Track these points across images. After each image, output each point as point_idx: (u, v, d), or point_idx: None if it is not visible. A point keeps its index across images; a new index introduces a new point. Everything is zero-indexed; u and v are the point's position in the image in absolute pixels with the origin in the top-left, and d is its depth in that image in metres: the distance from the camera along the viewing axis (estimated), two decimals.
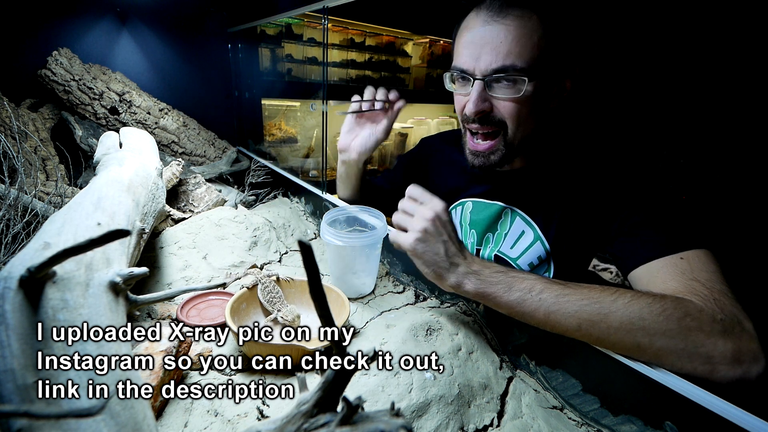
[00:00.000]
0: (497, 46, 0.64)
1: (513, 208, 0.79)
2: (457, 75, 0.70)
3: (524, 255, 0.77)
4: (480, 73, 0.66)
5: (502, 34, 0.64)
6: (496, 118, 0.69)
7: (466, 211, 0.87)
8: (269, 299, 0.67)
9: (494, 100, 0.68)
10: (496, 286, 0.56)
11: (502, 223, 0.80)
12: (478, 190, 0.84)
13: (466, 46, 0.68)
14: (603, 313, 0.51)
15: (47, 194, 0.97)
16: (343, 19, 2.08)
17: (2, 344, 0.31)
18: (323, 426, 0.29)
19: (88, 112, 1.35)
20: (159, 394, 0.46)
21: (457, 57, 0.70)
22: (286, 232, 1.07)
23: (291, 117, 2.08)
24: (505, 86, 0.66)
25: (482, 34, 0.65)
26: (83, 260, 0.44)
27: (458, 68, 0.69)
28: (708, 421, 0.43)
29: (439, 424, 0.49)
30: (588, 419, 0.54)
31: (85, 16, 1.43)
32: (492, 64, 0.64)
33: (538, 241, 0.76)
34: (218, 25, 1.75)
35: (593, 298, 0.52)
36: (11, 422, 0.26)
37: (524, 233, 0.78)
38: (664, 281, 0.57)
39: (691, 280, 0.55)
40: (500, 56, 0.64)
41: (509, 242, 0.79)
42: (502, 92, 0.66)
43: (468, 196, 0.86)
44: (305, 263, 0.27)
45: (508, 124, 0.69)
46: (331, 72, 2.13)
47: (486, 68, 0.65)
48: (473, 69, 0.67)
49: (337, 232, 0.74)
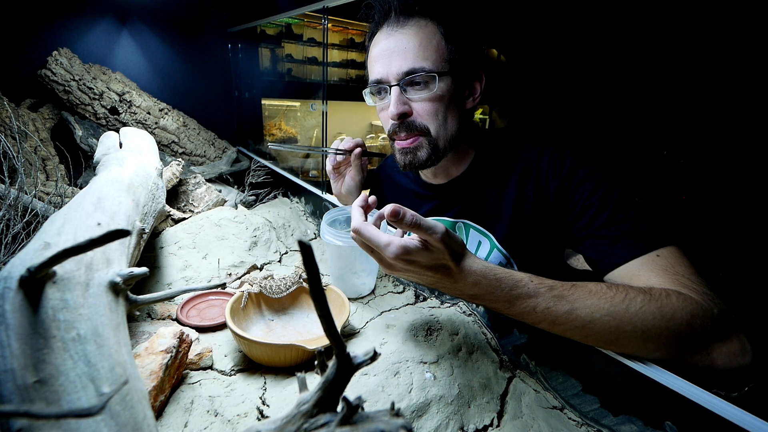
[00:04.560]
0: (403, 52, 0.70)
1: (464, 221, 0.82)
2: (374, 88, 0.76)
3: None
4: (394, 78, 0.71)
5: (405, 41, 0.70)
6: (417, 123, 0.73)
7: None
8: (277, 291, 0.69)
9: (412, 104, 0.73)
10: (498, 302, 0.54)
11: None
12: (426, 208, 0.87)
13: (376, 60, 0.74)
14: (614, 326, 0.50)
15: (47, 194, 0.97)
16: (343, 19, 2.08)
17: (2, 344, 0.31)
18: (323, 426, 0.29)
19: (88, 112, 1.35)
20: (159, 394, 0.46)
21: (372, 72, 0.76)
22: (286, 232, 1.07)
23: (291, 117, 2.08)
24: (419, 88, 0.71)
25: (388, 45, 0.72)
26: (83, 260, 0.44)
27: (374, 80, 0.75)
28: (708, 421, 0.43)
29: (439, 424, 0.49)
30: (588, 419, 0.54)
31: (85, 16, 1.43)
32: (402, 67, 0.70)
33: (495, 249, 0.78)
34: (218, 25, 1.75)
35: (603, 310, 0.50)
36: (11, 422, 0.26)
37: (481, 243, 0.80)
38: (647, 279, 0.57)
39: (676, 275, 0.56)
40: (408, 60, 0.70)
41: None
42: (417, 94, 0.71)
43: None
44: (305, 263, 0.27)
45: (429, 127, 0.73)
46: (331, 72, 2.13)
47: (398, 72, 0.71)
48: (387, 77, 0.72)
49: (337, 232, 0.74)
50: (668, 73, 1.50)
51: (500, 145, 0.81)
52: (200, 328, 0.65)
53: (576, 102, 1.82)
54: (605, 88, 1.69)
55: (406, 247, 0.48)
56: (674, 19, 1.42)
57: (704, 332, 0.50)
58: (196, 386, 0.52)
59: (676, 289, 0.53)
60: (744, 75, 1.30)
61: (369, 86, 0.78)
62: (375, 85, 0.75)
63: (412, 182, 0.92)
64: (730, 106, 1.36)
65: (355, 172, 0.94)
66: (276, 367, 0.57)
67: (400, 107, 0.71)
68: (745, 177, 1.35)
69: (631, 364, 0.50)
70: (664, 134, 1.56)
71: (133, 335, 0.58)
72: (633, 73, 1.58)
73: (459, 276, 0.51)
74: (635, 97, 1.61)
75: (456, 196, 0.83)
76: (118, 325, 0.42)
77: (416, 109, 0.72)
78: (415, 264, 0.50)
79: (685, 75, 1.45)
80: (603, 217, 0.65)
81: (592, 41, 1.67)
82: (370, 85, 0.77)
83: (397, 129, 0.74)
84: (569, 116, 1.86)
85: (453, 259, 0.50)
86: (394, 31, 0.71)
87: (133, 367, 0.38)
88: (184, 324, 0.65)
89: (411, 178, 0.93)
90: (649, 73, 1.55)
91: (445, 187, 0.84)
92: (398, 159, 0.78)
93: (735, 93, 1.34)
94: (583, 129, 1.76)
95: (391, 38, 0.71)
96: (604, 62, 1.65)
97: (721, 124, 1.39)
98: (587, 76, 1.75)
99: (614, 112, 1.68)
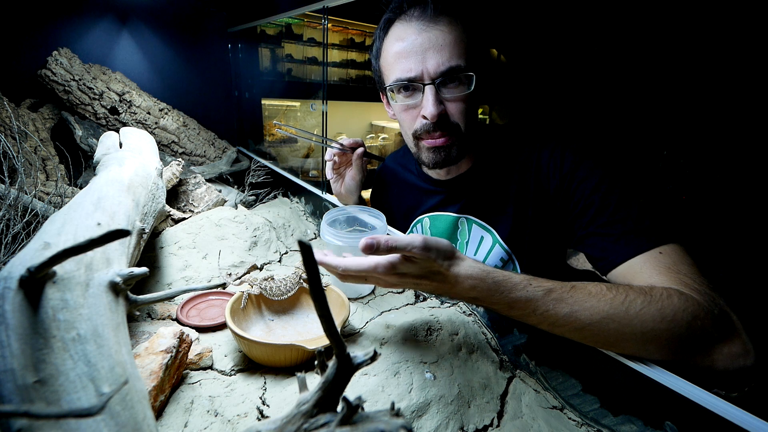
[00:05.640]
0: (440, 49, 0.67)
1: (467, 217, 0.82)
2: (399, 87, 0.72)
3: (487, 259, 0.80)
4: (429, 77, 0.68)
5: (441, 38, 0.67)
6: (451, 121, 0.71)
7: (425, 227, 0.89)
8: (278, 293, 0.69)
9: (446, 102, 0.70)
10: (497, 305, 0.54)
11: (461, 232, 0.83)
12: (431, 203, 0.87)
13: (406, 56, 0.69)
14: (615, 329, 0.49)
15: (47, 194, 0.97)
16: (343, 19, 2.08)
17: (2, 344, 0.31)
18: (323, 426, 0.29)
19: (88, 112, 1.35)
20: (159, 394, 0.46)
21: (396, 69, 0.71)
22: (286, 232, 1.07)
23: (291, 117, 2.08)
24: (454, 86, 0.69)
25: (421, 41, 0.68)
26: (83, 260, 0.44)
27: (403, 79, 0.70)
28: (708, 421, 0.43)
29: (439, 424, 0.49)
30: (588, 419, 0.54)
31: (85, 16, 1.43)
32: (440, 66, 0.67)
33: (497, 244, 0.78)
34: (218, 25, 1.75)
35: (603, 312, 0.49)
36: (11, 422, 0.26)
37: (483, 238, 0.80)
38: (649, 276, 0.57)
39: (678, 273, 0.55)
40: (445, 58, 0.67)
41: (471, 249, 0.82)
42: (451, 93, 0.69)
43: (423, 213, 0.89)
44: (305, 263, 0.27)
45: (461, 125, 0.72)
46: (331, 72, 2.13)
47: (435, 71, 0.68)
48: (422, 75, 0.69)
49: (337, 232, 0.74)
50: (668, 72, 1.50)
51: (503, 142, 0.81)
52: (200, 328, 0.65)
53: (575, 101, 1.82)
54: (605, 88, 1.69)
55: (392, 264, 0.49)
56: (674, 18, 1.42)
57: (705, 333, 0.50)
58: (196, 386, 0.52)
59: (677, 289, 0.53)
60: (744, 75, 1.30)
61: (393, 83, 0.72)
62: (403, 82, 0.71)
63: (417, 177, 0.92)
64: (730, 106, 1.36)
65: (356, 171, 0.94)
66: (276, 367, 0.57)
67: (439, 107, 0.69)
68: (745, 177, 1.35)
69: (631, 364, 0.50)
70: (664, 134, 1.56)
71: (133, 335, 0.58)
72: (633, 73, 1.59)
73: (454, 281, 0.51)
74: (635, 97, 1.61)
75: (460, 192, 0.83)
76: (118, 325, 0.42)
77: (449, 108, 0.71)
78: (408, 276, 0.51)
79: (685, 75, 1.45)
80: (605, 214, 0.65)
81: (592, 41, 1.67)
82: (397, 82, 0.72)
83: (431, 128, 0.72)
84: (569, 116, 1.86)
85: (443, 264, 0.50)
86: (428, 26, 0.67)
87: (133, 367, 0.38)
88: (184, 324, 0.65)
89: (415, 173, 0.93)
90: (648, 73, 1.55)
91: (450, 183, 0.84)
92: (426, 157, 0.76)
93: (735, 93, 1.34)
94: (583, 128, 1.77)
95: (425, 34, 0.67)
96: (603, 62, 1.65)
97: (721, 123, 1.39)
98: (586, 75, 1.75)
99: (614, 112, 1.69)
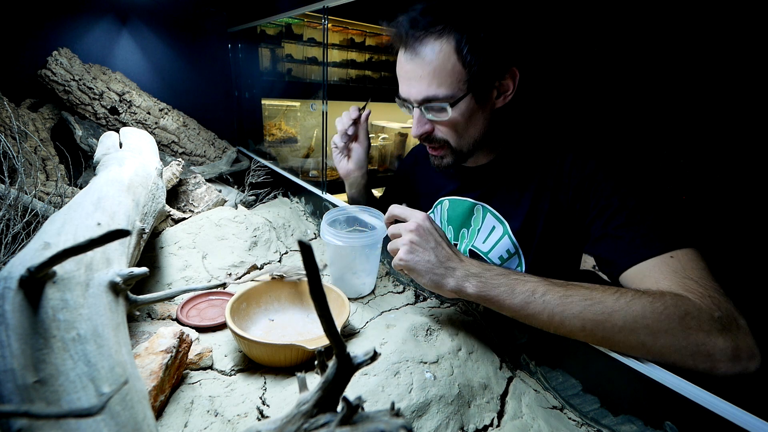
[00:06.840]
0: (419, 79, 0.71)
1: (483, 205, 0.85)
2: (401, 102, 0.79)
3: (494, 249, 0.82)
4: (414, 101, 0.73)
5: (419, 68, 0.70)
6: (438, 137, 0.77)
7: (444, 209, 0.93)
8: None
9: (434, 122, 0.75)
10: (499, 289, 0.56)
11: (475, 219, 0.86)
12: (451, 188, 0.91)
13: (400, 78, 0.75)
14: (606, 312, 0.51)
15: (47, 194, 0.97)
16: (343, 19, 2.08)
17: (2, 344, 0.31)
18: (323, 426, 0.29)
19: (88, 112, 1.35)
20: (159, 394, 0.46)
21: (399, 85, 0.77)
22: (286, 232, 1.07)
23: (291, 117, 2.08)
24: (436, 112, 0.73)
25: (406, 69, 0.72)
26: (83, 260, 0.44)
27: (401, 98, 0.77)
28: (708, 421, 0.43)
29: (439, 424, 0.49)
30: (588, 419, 0.54)
31: (85, 16, 1.43)
32: (419, 95, 0.71)
33: (506, 236, 0.80)
34: (218, 25, 1.75)
35: (596, 299, 0.52)
36: (11, 422, 0.26)
37: (495, 228, 0.83)
38: (657, 281, 0.57)
39: (684, 278, 0.55)
40: (422, 89, 0.71)
41: (482, 237, 0.85)
42: (434, 116, 0.74)
43: (444, 195, 0.93)
44: (305, 263, 0.27)
45: (449, 141, 0.76)
46: (331, 72, 2.13)
47: (416, 99, 0.72)
48: (409, 98, 0.74)
49: (337, 232, 0.74)
50: (668, 72, 1.50)
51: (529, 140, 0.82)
52: (200, 328, 0.65)
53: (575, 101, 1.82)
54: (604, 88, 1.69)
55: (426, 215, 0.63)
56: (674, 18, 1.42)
57: (700, 333, 0.49)
58: (196, 386, 0.52)
59: (675, 292, 0.53)
60: (744, 75, 1.30)
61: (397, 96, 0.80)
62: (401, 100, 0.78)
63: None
64: (730, 105, 1.36)
65: (363, 137, 0.98)
66: (276, 367, 0.57)
67: (421, 128, 0.76)
68: (745, 177, 1.35)
69: (631, 364, 0.50)
70: (664, 134, 1.56)
71: (133, 335, 0.58)
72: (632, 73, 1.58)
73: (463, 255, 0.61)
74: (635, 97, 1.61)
75: (480, 181, 0.86)
76: (118, 325, 0.42)
77: (437, 126, 0.76)
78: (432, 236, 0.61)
79: (685, 75, 1.45)
80: (622, 216, 0.65)
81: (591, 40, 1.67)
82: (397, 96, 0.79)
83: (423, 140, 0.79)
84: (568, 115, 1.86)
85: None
86: (411, 56, 0.71)
87: (133, 367, 0.38)
88: (184, 324, 0.65)
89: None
90: (648, 73, 1.54)
91: (472, 171, 0.87)
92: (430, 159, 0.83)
93: (735, 93, 1.34)
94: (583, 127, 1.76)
95: (409, 64, 0.71)
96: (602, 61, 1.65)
97: (721, 123, 1.39)
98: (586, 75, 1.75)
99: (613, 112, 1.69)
